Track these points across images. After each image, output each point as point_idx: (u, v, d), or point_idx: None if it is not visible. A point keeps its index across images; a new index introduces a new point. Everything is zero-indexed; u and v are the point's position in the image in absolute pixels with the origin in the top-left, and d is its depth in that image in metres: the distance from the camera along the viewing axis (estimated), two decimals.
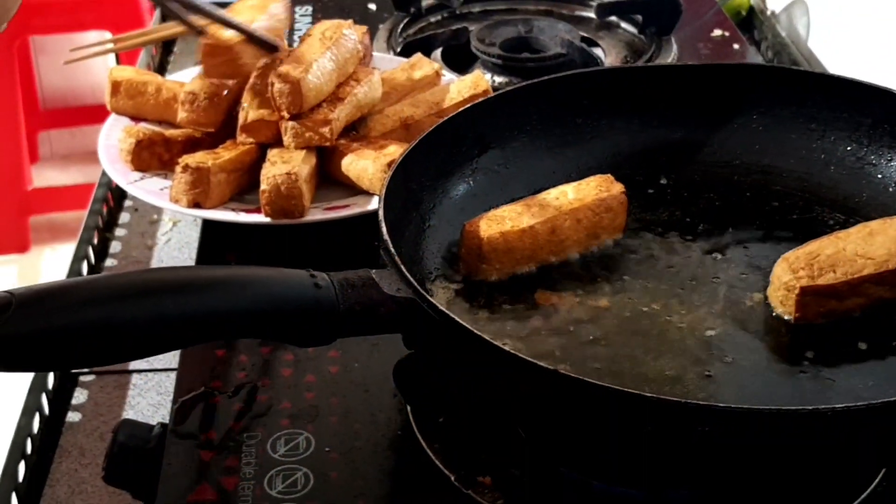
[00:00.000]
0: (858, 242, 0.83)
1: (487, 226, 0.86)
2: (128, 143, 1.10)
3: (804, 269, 0.82)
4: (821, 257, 0.82)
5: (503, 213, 0.88)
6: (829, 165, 0.98)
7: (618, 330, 0.82)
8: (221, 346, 0.91)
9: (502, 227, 0.87)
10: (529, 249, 0.87)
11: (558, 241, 0.88)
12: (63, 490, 0.91)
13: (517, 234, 0.87)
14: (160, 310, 0.66)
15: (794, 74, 1.03)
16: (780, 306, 0.83)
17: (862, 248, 0.83)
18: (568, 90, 1.00)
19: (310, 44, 1.11)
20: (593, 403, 0.67)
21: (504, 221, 0.87)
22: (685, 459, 0.72)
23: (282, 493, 0.78)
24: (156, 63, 1.56)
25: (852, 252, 0.83)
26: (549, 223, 0.88)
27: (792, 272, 0.82)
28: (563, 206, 0.89)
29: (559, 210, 0.89)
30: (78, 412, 0.99)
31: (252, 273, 0.71)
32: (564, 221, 0.88)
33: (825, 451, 0.70)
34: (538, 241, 0.88)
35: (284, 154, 1.05)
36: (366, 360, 0.90)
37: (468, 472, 0.78)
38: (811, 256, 0.83)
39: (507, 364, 0.68)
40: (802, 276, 0.81)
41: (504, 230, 0.86)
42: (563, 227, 0.88)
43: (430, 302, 0.71)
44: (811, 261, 0.82)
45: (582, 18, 1.53)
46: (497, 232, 0.86)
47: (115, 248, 1.22)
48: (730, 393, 0.77)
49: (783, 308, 0.83)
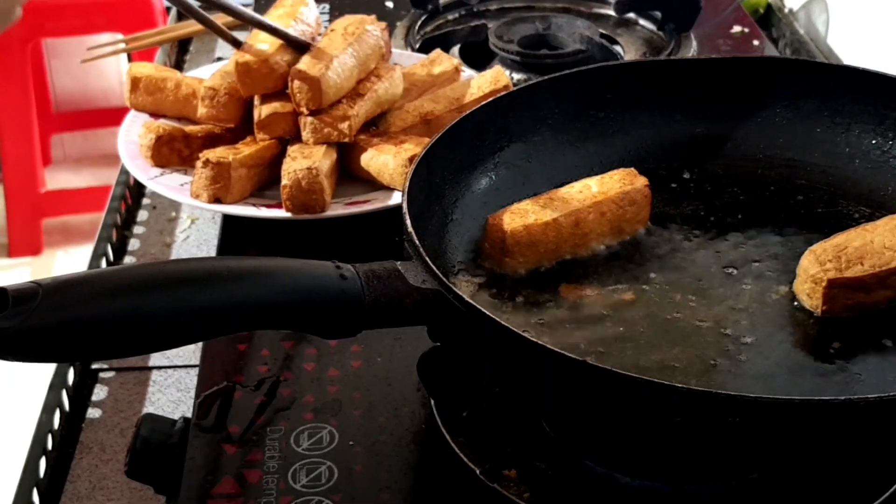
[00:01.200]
0: (886, 234, 0.83)
1: (511, 219, 0.86)
2: (147, 139, 1.10)
3: (831, 262, 0.81)
4: (848, 249, 0.82)
5: (526, 207, 0.88)
6: (854, 159, 0.97)
7: (643, 323, 0.81)
8: (243, 340, 0.91)
9: (525, 220, 0.86)
10: (553, 243, 0.87)
11: (582, 235, 0.88)
12: (84, 486, 0.91)
13: (541, 227, 0.86)
14: (187, 300, 0.65)
15: (819, 67, 1.02)
16: (807, 299, 0.82)
17: (890, 240, 0.82)
18: (591, 84, 0.99)
19: (332, 39, 1.10)
20: (621, 394, 0.66)
21: (527, 214, 0.87)
22: (711, 453, 0.71)
23: (306, 486, 0.77)
24: (172, 62, 1.56)
25: (880, 244, 0.82)
26: (572, 216, 0.87)
27: (819, 264, 0.81)
28: (587, 200, 0.88)
29: (583, 203, 0.88)
30: (98, 408, 0.99)
31: (278, 264, 0.70)
32: (588, 214, 0.88)
33: (849, 445, 0.69)
34: (562, 235, 0.87)
35: (305, 149, 1.05)
36: (388, 354, 0.89)
37: (493, 465, 0.77)
38: (838, 249, 0.82)
39: (533, 355, 0.67)
40: (830, 269, 0.81)
41: (527, 223, 0.86)
42: (587, 220, 0.88)
43: (456, 293, 0.70)
44: (839, 253, 0.82)
45: (600, 16, 1.53)
46: (520, 225, 0.86)
47: (133, 246, 1.22)
48: (756, 385, 0.76)
49: (810, 301, 0.82)
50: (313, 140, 1.06)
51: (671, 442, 0.70)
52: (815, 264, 0.82)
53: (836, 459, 0.71)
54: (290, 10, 1.14)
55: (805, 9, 1.64)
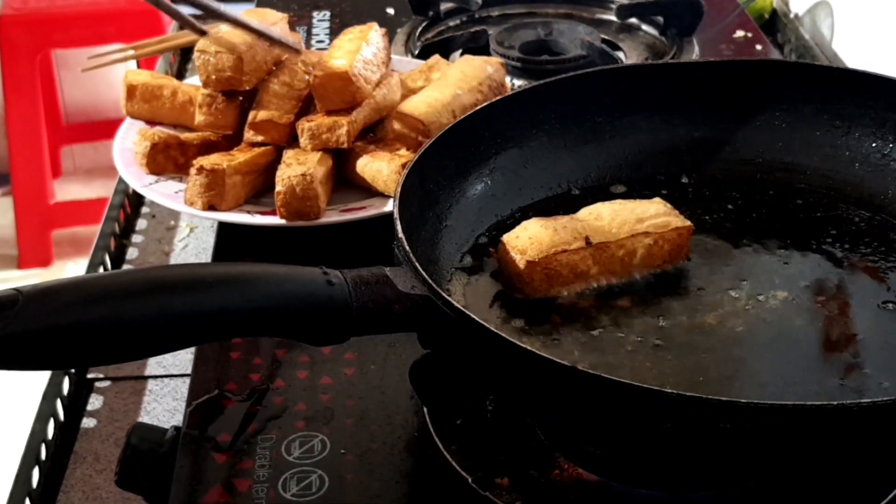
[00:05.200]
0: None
1: (525, 248, 0.83)
2: (143, 147, 1.09)
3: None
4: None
5: (542, 235, 0.84)
6: (854, 162, 0.96)
7: (640, 329, 0.80)
8: (236, 348, 0.90)
9: (540, 251, 0.83)
10: (570, 276, 0.84)
11: (607, 272, 0.85)
12: (77, 496, 0.91)
13: (562, 260, 0.83)
14: (169, 307, 0.64)
15: (818, 70, 1.01)
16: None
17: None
18: (588, 88, 0.98)
19: (341, 44, 1.11)
20: (612, 401, 0.65)
21: (542, 242, 0.83)
22: (706, 460, 0.70)
23: (296, 495, 0.76)
24: (174, 70, 1.55)
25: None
26: (601, 251, 0.84)
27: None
28: (621, 235, 0.85)
29: (614, 238, 0.84)
30: (93, 418, 0.98)
31: (263, 270, 0.69)
32: (618, 251, 0.85)
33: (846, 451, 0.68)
34: (584, 269, 0.84)
35: (300, 155, 1.04)
36: (382, 362, 0.88)
37: (486, 473, 0.76)
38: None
39: (523, 360, 0.66)
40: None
41: (545, 256, 0.83)
42: (616, 257, 0.85)
43: (446, 299, 0.69)
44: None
45: (602, 21, 1.52)
46: (537, 257, 0.83)
47: (131, 255, 1.21)
48: (752, 391, 0.75)
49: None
50: (311, 146, 1.06)
51: (665, 449, 0.69)
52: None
53: (833, 466, 0.70)
54: (360, 35, 1.13)
55: (810, 13, 1.63)
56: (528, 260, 0.82)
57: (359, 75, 1.07)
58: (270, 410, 0.84)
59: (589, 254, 0.83)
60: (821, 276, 0.86)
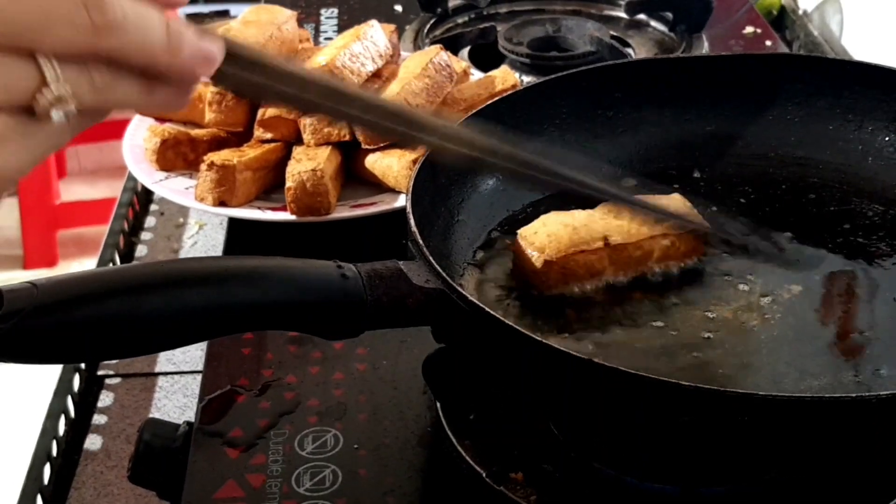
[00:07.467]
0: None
1: (543, 246, 0.82)
2: (153, 143, 1.09)
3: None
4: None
5: (561, 233, 0.83)
6: (867, 156, 0.96)
7: (654, 323, 0.80)
8: (248, 344, 0.90)
9: (559, 250, 0.82)
10: (586, 275, 0.83)
11: (622, 270, 0.84)
12: (89, 493, 0.90)
13: (579, 260, 0.82)
14: (184, 300, 0.64)
15: (831, 64, 1.01)
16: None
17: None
18: (598, 82, 0.98)
19: (334, 42, 1.10)
20: (628, 394, 0.65)
21: (560, 241, 0.82)
22: (721, 454, 0.70)
23: (309, 490, 0.76)
24: None
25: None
26: (619, 251, 0.83)
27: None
28: (640, 235, 0.84)
29: (633, 239, 0.84)
30: (104, 415, 0.98)
31: (277, 264, 0.69)
32: (636, 251, 0.84)
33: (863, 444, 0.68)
34: (599, 268, 0.83)
35: (310, 151, 1.04)
36: (394, 357, 0.88)
37: (500, 468, 0.76)
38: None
39: (539, 353, 0.66)
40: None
41: (563, 255, 0.82)
42: (632, 257, 0.84)
43: (460, 292, 0.69)
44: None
45: (611, 17, 1.51)
46: (554, 257, 0.82)
47: (140, 252, 1.21)
48: (768, 384, 0.75)
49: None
50: (314, 141, 1.06)
51: (680, 443, 0.69)
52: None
53: (849, 459, 0.70)
54: (356, 31, 1.13)
55: (819, 10, 1.63)
56: (546, 259, 0.82)
57: (342, 67, 1.06)
58: (283, 406, 0.83)
59: (606, 254, 0.83)
60: (835, 270, 0.86)
